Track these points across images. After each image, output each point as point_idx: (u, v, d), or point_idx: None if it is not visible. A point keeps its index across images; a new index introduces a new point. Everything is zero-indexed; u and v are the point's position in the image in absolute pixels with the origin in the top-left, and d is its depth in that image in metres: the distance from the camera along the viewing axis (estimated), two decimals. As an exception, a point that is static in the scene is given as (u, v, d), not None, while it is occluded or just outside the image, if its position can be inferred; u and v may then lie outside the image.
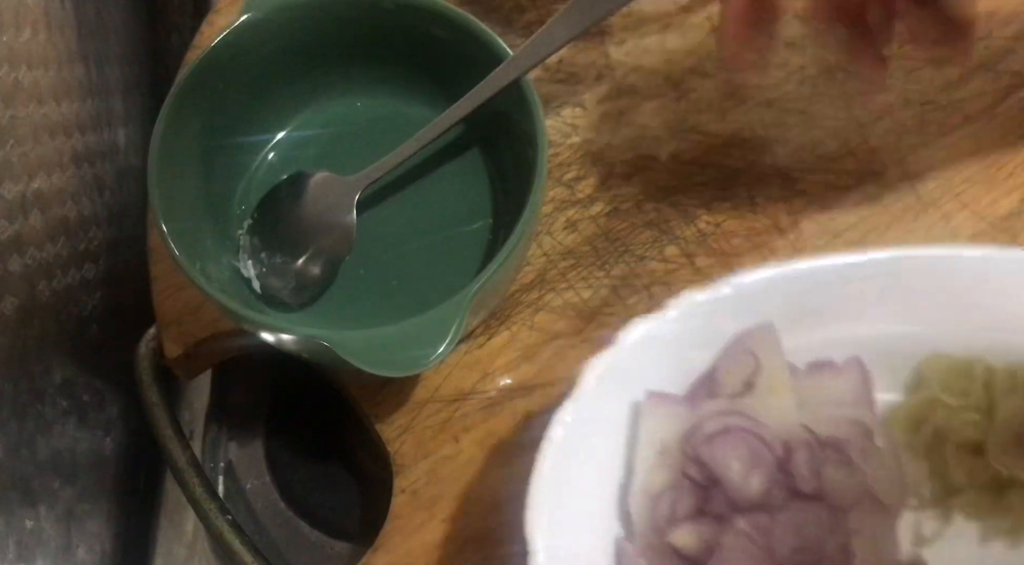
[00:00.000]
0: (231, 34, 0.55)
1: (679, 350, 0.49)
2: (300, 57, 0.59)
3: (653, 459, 0.48)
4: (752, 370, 0.48)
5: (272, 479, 0.65)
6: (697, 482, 0.47)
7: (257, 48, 0.57)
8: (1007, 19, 0.64)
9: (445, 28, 0.56)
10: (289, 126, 0.61)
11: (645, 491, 0.47)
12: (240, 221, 0.59)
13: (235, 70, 0.57)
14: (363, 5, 0.57)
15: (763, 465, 0.47)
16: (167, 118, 0.53)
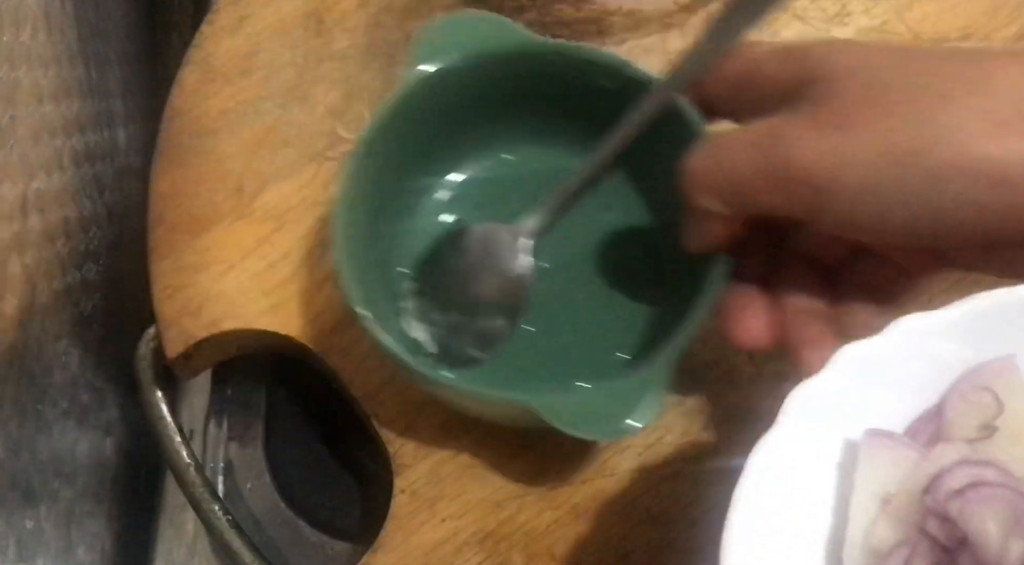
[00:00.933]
0: (409, 90, 0.54)
1: (897, 382, 0.42)
2: (459, 113, 0.56)
3: (875, 509, 0.41)
4: (993, 412, 0.42)
5: (272, 479, 0.65)
6: (940, 542, 0.40)
7: (424, 105, 0.55)
8: (1008, 19, 0.64)
9: (612, 79, 0.54)
10: (442, 184, 0.59)
11: (867, 545, 0.41)
12: (399, 282, 0.57)
13: (402, 129, 0.54)
14: (529, 59, 0.55)
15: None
16: (352, 175, 0.52)
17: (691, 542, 0.54)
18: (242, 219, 0.62)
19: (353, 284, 0.50)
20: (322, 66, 0.66)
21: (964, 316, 0.42)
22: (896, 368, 0.42)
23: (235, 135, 0.64)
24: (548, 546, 0.54)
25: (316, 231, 0.61)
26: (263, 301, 0.60)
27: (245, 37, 0.66)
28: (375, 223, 0.55)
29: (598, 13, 0.66)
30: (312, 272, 0.60)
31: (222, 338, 0.60)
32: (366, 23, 0.67)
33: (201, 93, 0.65)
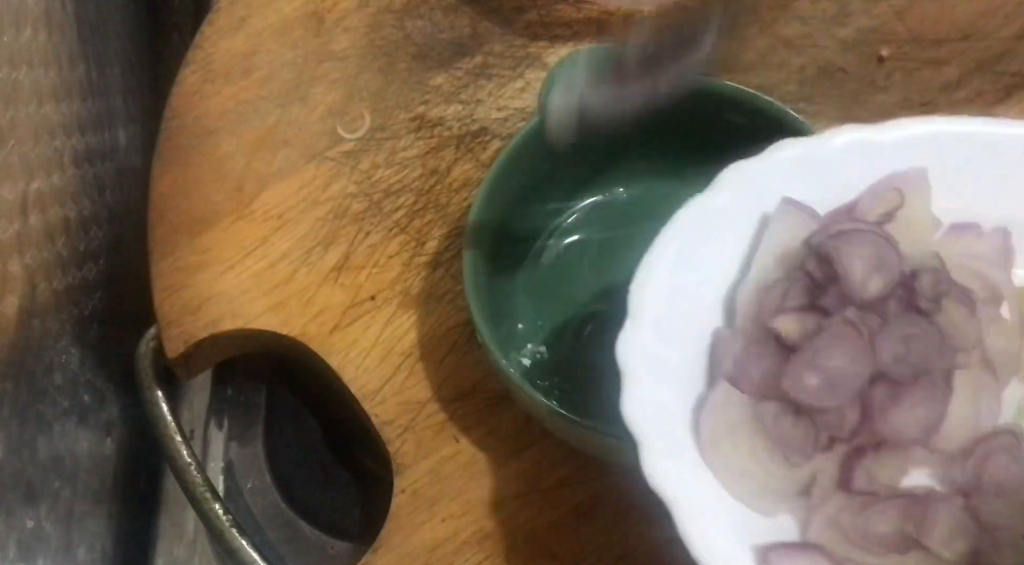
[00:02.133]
0: (535, 124, 0.54)
1: (828, 178, 0.48)
2: (583, 149, 0.56)
3: (772, 261, 0.47)
4: (896, 205, 0.47)
5: (272, 479, 0.65)
6: (814, 277, 0.46)
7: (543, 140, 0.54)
8: (1007, 19, 0.64)
9: (741, 113, 0.54)
10: (558, 224, 0.60)
11: (756, 285, 0.46)
12: (515, 325, 0.57)
13: (527, 164, 0.55)
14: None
15: (887, 271, 0.45)
16: (483, 202, 0.53)
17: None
18: (242, 219, 0.62)
19: (481, 319, 0.52)
20: (322, 66, 0.66)
21: (898, 135, 0.48)
22: (829, 167, 0.48)
23: (235, 135, 0.64)
24: (548, 546, 0.54)
25: (316, 231, 0.61)
26: (263, 301, 0.60)
27: (245, 37, 0.67)
28: (499, 247, 0.56)
29: (598, 14, 0.66)
30: (312, 272, 0.60)
31: (222, 338, 0.60)
32: (366, 23, 0.67)
33: (201, 93, 0.65)
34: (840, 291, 0.45)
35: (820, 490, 0.44)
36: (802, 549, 0.43)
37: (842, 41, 0.64)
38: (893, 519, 0.43)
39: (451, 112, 0.64)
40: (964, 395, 0.45)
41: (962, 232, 0.49)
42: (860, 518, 0.43)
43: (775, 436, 0.44)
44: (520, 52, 0.65)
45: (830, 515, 0.43)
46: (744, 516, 0.44)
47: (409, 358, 0.58)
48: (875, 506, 0.43)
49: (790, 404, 0.44)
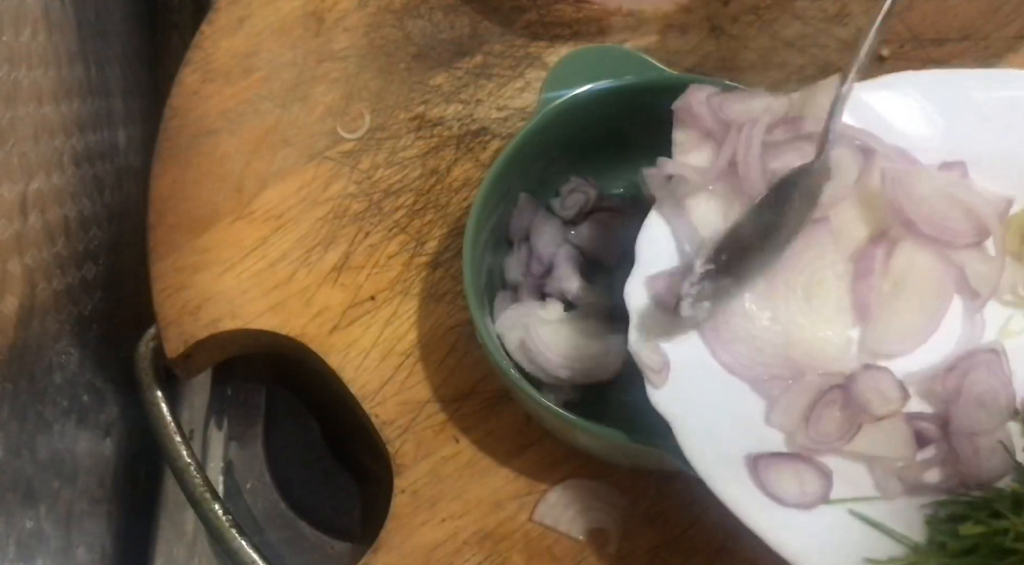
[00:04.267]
0: (538, 120, 0.55)
1: None
2: (578, 142, 0.58)
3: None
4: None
5: (272, 479, 0.65)
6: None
7: (549, 134, 0.56)
8: (1007, 19, 0.64)
9: None
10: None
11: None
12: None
13: (529, 155, 0.56)
14: (653, 91, 0.56)
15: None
16: (484, 194, 0.54)
17: (691, 542, 0.54)
18: (242, 219, 0.62)
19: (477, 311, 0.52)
20: (322, 66, 0.66)
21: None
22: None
23: (235, 135, 0.64)
24: (548, 546, 0.54)
25: (316, 231, 0.61)
26: (263, 301, 0.60)
27: (245, 37, 0.67)
28: (498, 247, 0.57)
29: (598, 13, 0.66)
30: (312, 272, 0.60)
31: (222, 338, 0.60)
32: (366, 23, 0.67)
33: (201, 93, 0.65)
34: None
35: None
36: (785, 457, 0.46)
37: (842, 41, 0.64)
38: (835, 415, 0.47)
39: (451, 112, 0.64)
40: (921, 314, 0.50)
41: (949, 170, 0.52)
42: (815, 426, 0.47)
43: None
44: (520, 52, 0.65)
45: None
46: (736, 431, 0.47)
47: (409, 358, 0.58)
48: (816, 411, 0.47)
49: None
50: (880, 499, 0.46)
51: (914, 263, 0.51)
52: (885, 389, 0.47)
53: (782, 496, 0.45)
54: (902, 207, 0.50)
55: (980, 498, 0.46)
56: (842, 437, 0.47)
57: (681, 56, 0.64)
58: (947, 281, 0.51)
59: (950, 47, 0.63)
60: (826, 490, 0.46)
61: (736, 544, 0.53)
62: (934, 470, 0.48)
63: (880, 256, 0.50)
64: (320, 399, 0.66)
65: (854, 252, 0.51)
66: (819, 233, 0.50)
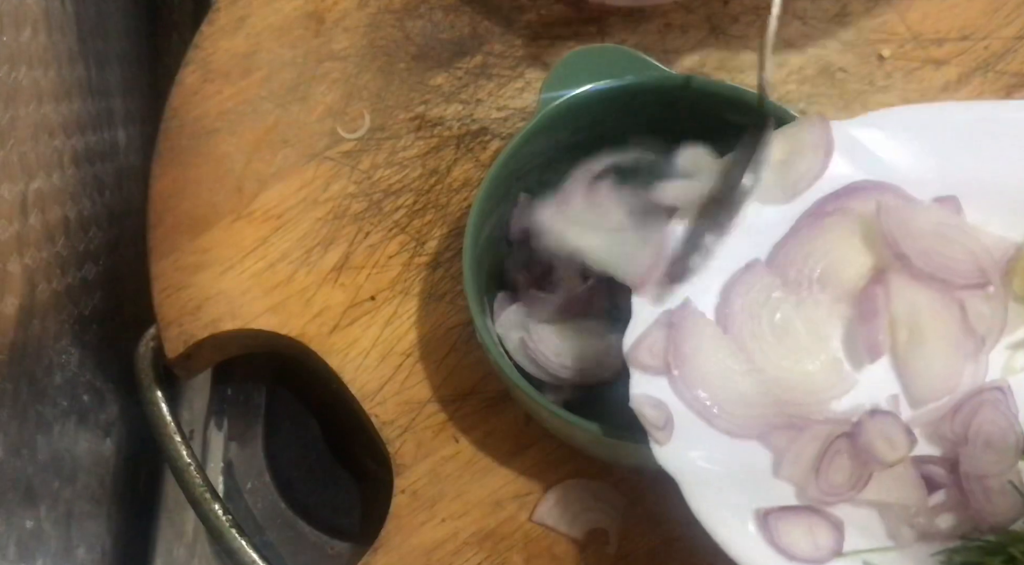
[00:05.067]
0: (538, 120, 0.55)
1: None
2: (579, 140, 0.57)
3: None
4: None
5: (272, 479, 0.65)
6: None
7: (549, 133, 0.56)
8: (1007, 19, 0.64)
9: (741, 113, 0.54)
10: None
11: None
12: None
13: (529, 153, 0.56)
14: (653, 91, 0.56)
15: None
16: (485, 193, 0.53)
17: (691, 542, 0.54)
18: (242, 219, 0.62)
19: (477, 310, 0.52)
20: (322, 66, 0.66)
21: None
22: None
23: (235, 135, 0.64)
24: (548, 546, 0.54)
25: (316, 231, 0.61)
26: (263, 301, 0.60)
27: (245, 37, 0.66)
28: (498, 247, 0.57)
29: (598, 14, 0.66)
30: (312, 272, 0.60)
31: (222, 338, 0.60)
32: (366, 23, 0.67)
33: (201, 93, 0.65)
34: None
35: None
36: (796, 510, 0.46)
37: (843, 40, 0.64)
38: (844, 464, 0.47)
39: (451, 112, 0.64)
40: (948, 359, 0.49)
41: (944, 205, 0.51)
42: (824, 477, 0.46)
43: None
44: (520, 52, 0.65)
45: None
46: (745, 484, 0.46)
47: (409, 358, 0.58)
48: (825, 461, 0.47)
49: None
50: (894, 549, 0.46)
51: (917, 305, 0.50)
52: (892, 435, 0.46)
53: (795, 552, 0.44)
54: (897, 241, 0.50)
55: (994, 542, 0.45)
56: (853, 486, 0.46)
57: (681, 56, 0.64)
58: (953, 323, 0.50)
59: (950, 47, 0.63)
60: (839, 543, 0.45)
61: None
62: (946, 515, 0.47)
63: (882, 295, 0.50)
64: (320, 399, 0.66)
65: (848, 288, 0.51)
66: (754, 275, 0.50)
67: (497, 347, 0.52)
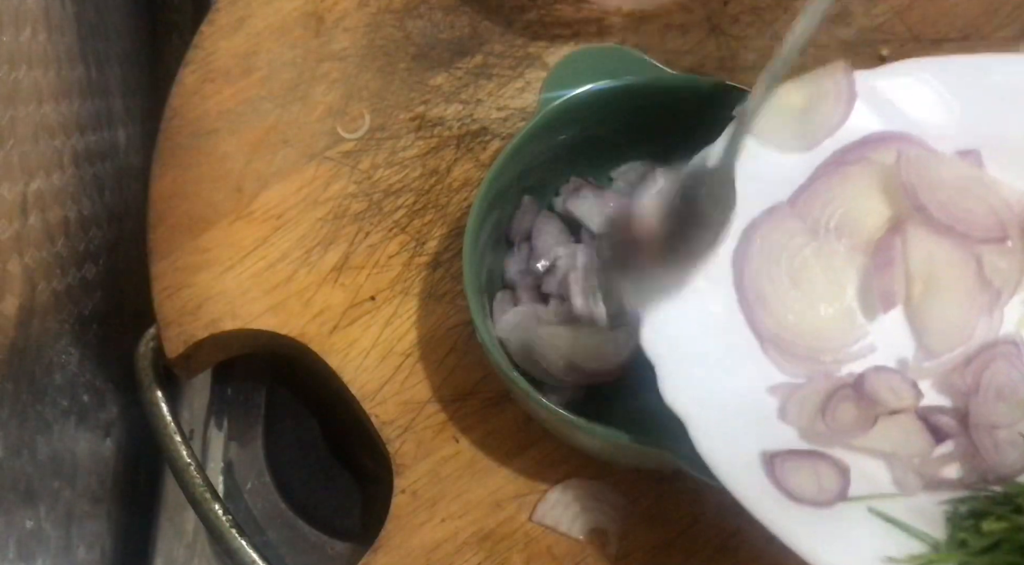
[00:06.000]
0: (537, 120, 0.55)
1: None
2: (577, 142, 0.58)
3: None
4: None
5: (272, 479, 0.65)
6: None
7: (548, 133, 0.56)
8: (1007, 19, 0.64)
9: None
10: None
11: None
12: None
13: (528, 153, 0.56)
14: (653, 91, 0.56)
15: None
16: (485, 191, 0.53)
17: (691, 542, 0.54)
18: (242, 219, 0.62)
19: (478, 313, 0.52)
20: (322, 66, 0.66)
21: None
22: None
23: (235, 135, 0.64)
24: (548, 546, 0.54)
25: (316, 231, 0.61)
26: (263, 301, 0.60)
27: (245, 37, 0.67)
28: (498, 247, 0.57)
29: (598, 14, 0.66)
30: (312, 272, 0.60)
31: (222, 338, 0.60)
32: (366, 23, 0.67)
33: (201, 93, 0.65)
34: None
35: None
36: (803, 453, 0.46)
37: (842, 41, 0.64)
38: (849, 408, 0.47)
39: (451, 112, 0.64)
40: (962, 311, 0.49)
41: (965, 158, 0.51)
42: (831, 416, 0.47)
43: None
44: (520, 52, 0.65)
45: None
46: (751, 428, 0.47)
47: (409, 358, 0.58)
48: (831, 405, 0.47)
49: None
50: (899, 496, 0.46)
51: (933, 257, 0.50)
52: (896, 386, 0.47)
53: (799, 493, 0.44)
54: (916, 192, 0.49)
55: (1001, 493, 0.45)
56: (858, 428, 0.46)
57: (681, 56, 0.64)
58: (969, 275, 0.50)
59: (950, 47, 0.63)
60: (844, 487, 0.45)
61: (737, 543, 0.53)
62: (953, 465, 0.47)
63: (899, 246, 0.50)
64: (320, 399, 0.66)
65: (866, 237, 0.50)
66: (777, 218, 0.50)
67: (497, 347, 0.52)
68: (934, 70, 0.53)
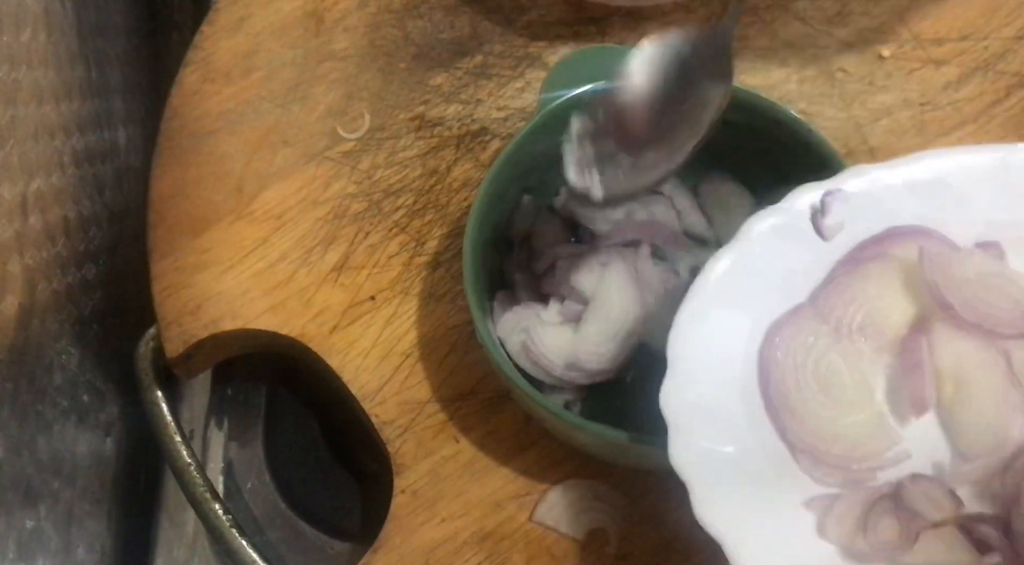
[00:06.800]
0: (536, 121, 0.55)
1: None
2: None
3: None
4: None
5: (272, 479, 0.65)
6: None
7: (546, 134, 0.55)
8: (1007, 19, 0.64)
9: (741, 113, 0.53)
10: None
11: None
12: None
13: (526, 156, 0.56)
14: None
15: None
16: (485, 192, 0.53)
17: (691, 542, 0.54)
18: (242, 219, 0.62)
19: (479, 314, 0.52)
20: (322, 66, 0.66)
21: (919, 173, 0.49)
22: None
23: (235, 135, 0.64)
24: (548, 546, 0.54)
25: (316, 231, 0.61)
26: (263, 301, 0.60)
27: (245, 37, 0.67)
28: (498, 247, 0.57)
29: (598, 13, 0.66)
30: (312, 272, 0.60)
31: (222, 338, 0.60)
32: (366, 23, 0.67)
33: (201, 93, 0.65)
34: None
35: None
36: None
37: (843, 41, 0.64)
38: (892, 523, 0.45)
39: (451, 112, 0.64)
40: (996, 412, 0.46)
41: (986, 250, 0.49)
42: (873, 533, 0.45)
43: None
44: (520, 52, 0.66)
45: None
46: (790, 546, 0.45)
47: (409, 358, 0.58)
48: (871, 520, 0.45)
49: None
50: None
51: (962, 356, 0.48)
52: (935, 496, 0.45)
53: None
54: (941, 290, 0.47)
55: None
56: (901, 545, 0.45)
57: (681, 56, 0.64)
58: (999, 374, 0.47)
59: (950, 47, 0.64)
60: None
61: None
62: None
63: (926, 346, 0.48)
64: (320, 399, 0.66)
65: (891, 337, 0.49)
66: (802, 318, 0.48)
67: (497, 347, 0.52)
68: (940, 160, 0.50)
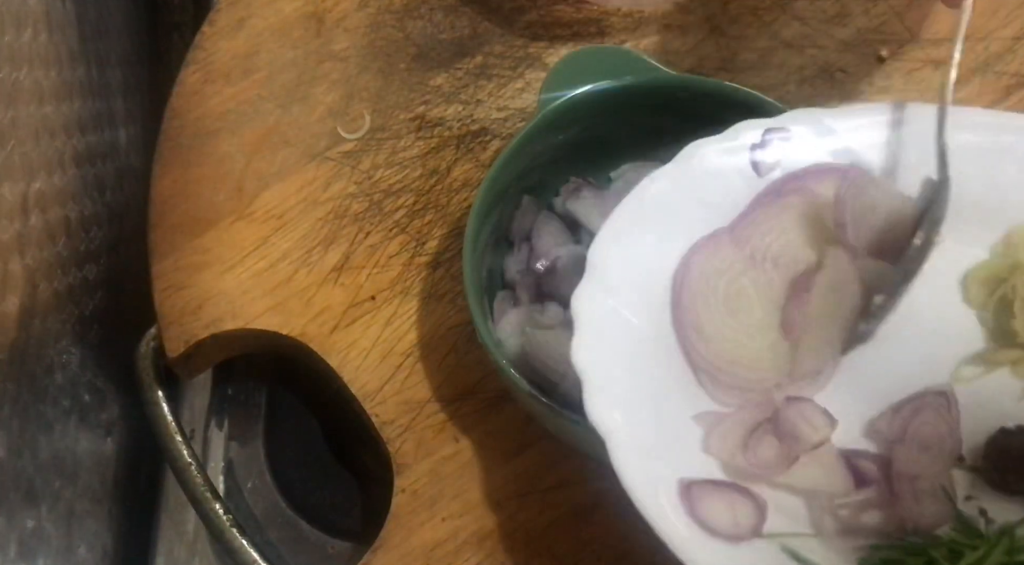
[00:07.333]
0: (537, 120, 0.55)
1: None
2: (578, 140, 0.58)
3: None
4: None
5: (272, 479, 0.65)
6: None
7: (547, 133, 0.56)
8: (1007, 19, 0.64)
9: (741, 113, 0.53)
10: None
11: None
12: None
13: (527, 154, 0.56)
14: (653, 92, 0.56)
15: None
16: (485, 190, 0.54)
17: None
18: (242, 219, 0.62)
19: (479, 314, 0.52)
20: (322, 66, 0.66)
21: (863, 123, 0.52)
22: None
23: (235, 135, 0.64)
24: (548, 546, 0.54)
25: (316, 231, 0.61)
26: (263, 301, 0.60)
27: (245, 38, 0.67)
28: (498, 246, 0.57)
29: (597, 14, 0.66)
30: (312, 272, 0.60)
31: (222, 338, 0.60)
32: (366, 23, 0.67)
33: (201, 93, 0.65)
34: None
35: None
36: (720, 484, 0.45)
37: (842, 41, 0.64)
38: (772, 443, 0.46)
39: (451, 112, 0.64)
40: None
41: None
42: (753, 452, 0.46)
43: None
44: (520, 52, 0.66)
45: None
46: (673, 454, 0.46)
47: (409, 358, 0.58)
48: (754, 439, 0.46)
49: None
50: (815, 537, 0.45)
51: (832, 277, 0.49)
52: (810, 417, 0.46)
53: (713, 525, 0.43)
54: (844, 212, 0.49)
55: (917, 544, 0.44)
56: (780, 464, 0.46)
57: (681, 56, 0.65)
58: (852, 285, 0.49)
59: (949, 47, 0.63)
60: (759, 522, 0.44)
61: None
62: (872, 511, 0.46)
63: (819, 276, 0.49)
64: (320, 399, 0.66)
65: (802, 269, 0.50)
66: (719, 243, 0.49)
67: (497, 347, 0.52)
68: (896, 117, 0.52)
